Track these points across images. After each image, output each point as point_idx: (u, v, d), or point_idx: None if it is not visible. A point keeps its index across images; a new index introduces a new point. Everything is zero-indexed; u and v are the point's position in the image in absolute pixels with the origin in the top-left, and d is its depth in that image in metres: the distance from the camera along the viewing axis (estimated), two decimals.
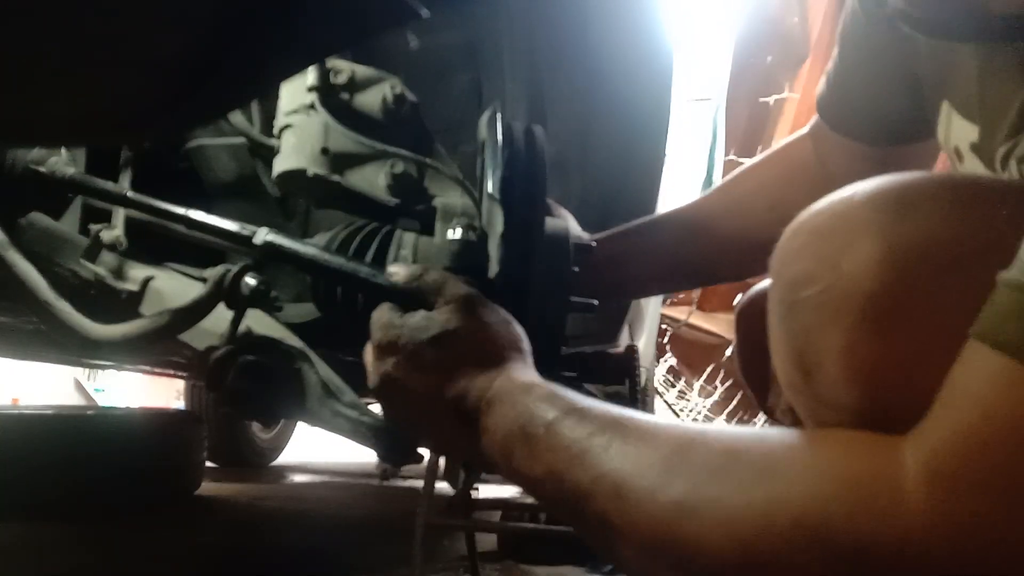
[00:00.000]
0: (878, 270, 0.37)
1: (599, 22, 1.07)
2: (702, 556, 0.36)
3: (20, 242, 0.88)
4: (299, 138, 0.86)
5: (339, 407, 0.83)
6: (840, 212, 0.40)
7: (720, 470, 0.38)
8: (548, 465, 0.47)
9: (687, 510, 0.38)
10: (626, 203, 1.17)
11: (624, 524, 0.41)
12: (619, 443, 0.43)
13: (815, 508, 0.34)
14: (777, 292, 0.43)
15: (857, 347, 0.37)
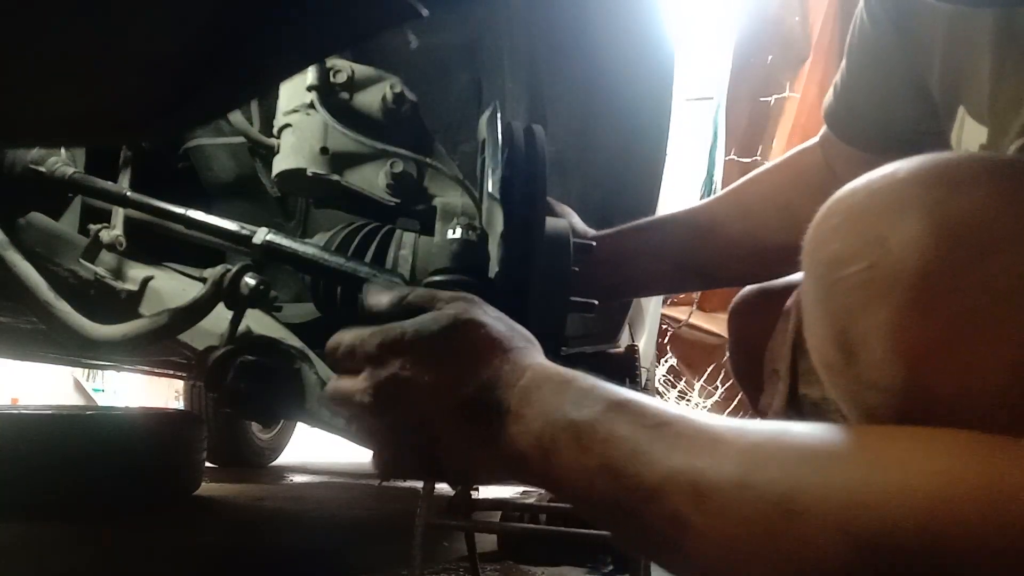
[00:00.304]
0: (927, 246, 0.36)
1: (599, 22, 1.07)
2: (812, 556, 0.33)
3: (20, 242, 0.88)
4: (298, 137, 0.86)
5: None
6: (882, 189, 0.38)
7: (821, 466, 0.35)
8: (602, 459, 0.42)
9: (790, 508, 0.34)
10: (626, 203, 1.17)
11: (706, 525, 0.37)
12: (689, 438, 0.40)
13: (945, 511, 0.31)
14: (813, 273, 0.41)
15: (906, 326, 0.36)
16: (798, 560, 0.34)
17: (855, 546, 0.32)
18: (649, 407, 0.43)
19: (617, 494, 0.41)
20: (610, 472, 0.41)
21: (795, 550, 0.34)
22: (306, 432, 3.96)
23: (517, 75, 1.01)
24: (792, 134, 3.29)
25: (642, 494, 0.40)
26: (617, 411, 0.43)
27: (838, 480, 0.34)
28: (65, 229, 0.96)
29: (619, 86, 1.13)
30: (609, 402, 0.44)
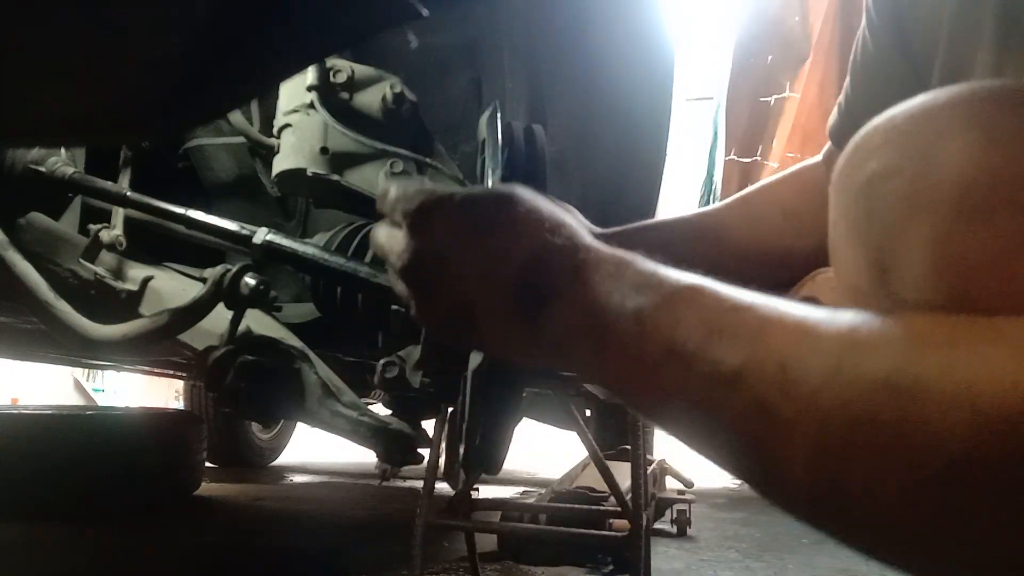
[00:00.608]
0: (977, 156, 0.34)
1: (599, 22, 1.07)
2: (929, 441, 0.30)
3: (20, 242, 0.88)
4: (298, 137, 0.86)
5: (338, 407, 0.83)
6: (926, 108, 0.37)
7: (935, 342, 0.31)
8: (669, 346, 0.37)
9: (900, 385, 0.30)
10: (626, 203, 1.17)
11: (796, 412, 0.33)
12: (774, 321, 0.36)
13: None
14: (847, 196, 0.39)
15: (953, 236, 0.33)
16: (911, 446, 0.30)
17: (985, 426, 0.29)
18: (724, 290, 0.39)
19: (687, 384, 0.37)
20: (679, 360, 0.37)
21: (907, 434, 0.30)
22: (306, 432, 3.96)
23: (517, 75, 1.01)
24: (792, 134, 3.29)
25: (717, 382, 0.35)
26: (686, 294, 0.39)
27: (962, 356, 0.30)
28: (65, 229, 0.96)
29: (619, 86, 1.13)
30: (676, 284, 0.40)
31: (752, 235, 0.87)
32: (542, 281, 0.44)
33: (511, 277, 0.44)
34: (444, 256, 0.46)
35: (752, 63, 3.37)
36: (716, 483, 3.71)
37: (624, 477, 1.35)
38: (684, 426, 0.39)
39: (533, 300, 0.44)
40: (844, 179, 0.40)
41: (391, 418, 0.82)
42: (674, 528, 2.15)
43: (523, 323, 0.44)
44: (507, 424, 0.59)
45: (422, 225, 0.47)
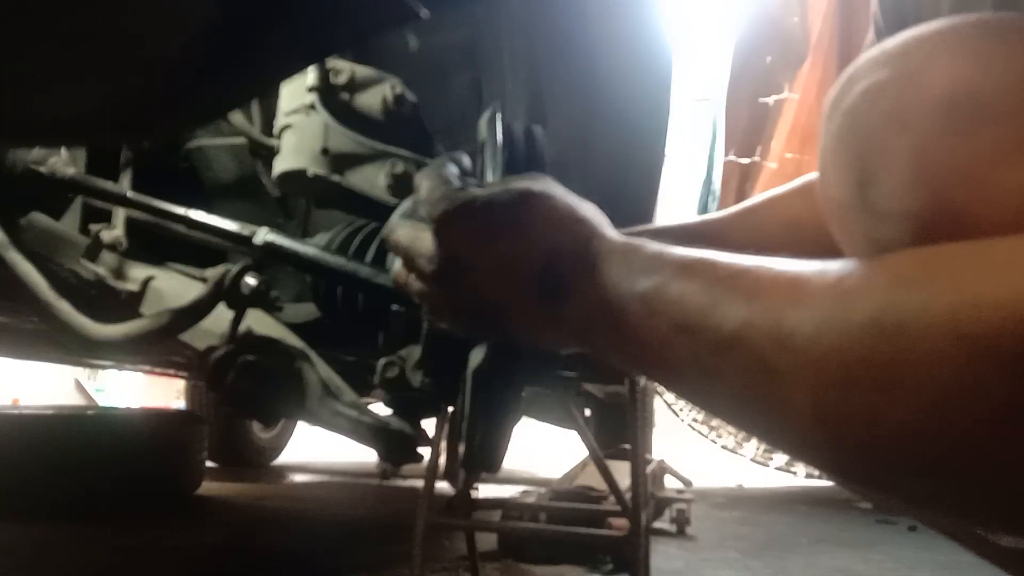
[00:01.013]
0: (960, 74, 0.35)
1: (599, 22, 1.07)
2: (921, 373, 0.30)
3: (21, 242, 0.89)
4: (299, 138, 0.86)
5: (339, 407, 0.83)
6: (916, 35, 0.38)
7: (919, 277, 0.32)
8: (675, 319, 0.39)
9: (887, 323, 0.31)
10: (626, 203, 1.17)
11: (792, 364, 0.34)
12: (767, 281, 0.37)
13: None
14: (836, 118, 0.40)
15: (932, 148, 0.35)
16: (905, 380, 0.31)
17: (972, 351, 0.30)
18: (721, 260, 0.41)
19: (694, 352, 0.39)
20: (684, 331, 0.39)
21: (899, 369, 0.31)
22: (306, 431, 3.97)
23: (517, 76, 1.01)
24: (791, 135, 3.29)
25: (720, 346, 0.37)
26: (687, 270, 0.41)
27: (942, 287, 0.31)
28: (66, 229, 0.96)
29: (619, 87, 1.13)
30: (678, 263, 0.42)
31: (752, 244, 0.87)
32: (561, 275, 0.46)
33: (533, 275, 0.47)
34: (470, 261, 0.49)
35: (751, 64, 3.37)
36: (715, 482, 3.71)
37: (624, 476, 1.35)
38: (700, 395, 0.41)
39: (554, 294, 0.46)
40: (835, 103, 0.41)
41: (391, 418, 0.82)
42: (673, 527, 2.15)
43: (548, 315, 0.47)
44: (507, 423, 0.59)
45: (447, 233, 0.49)
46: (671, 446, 3.71)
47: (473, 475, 1.31)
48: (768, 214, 0.89)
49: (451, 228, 0.49)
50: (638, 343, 0.42)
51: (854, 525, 2.42)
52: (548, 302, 0.47)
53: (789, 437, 0.37)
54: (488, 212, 0.49)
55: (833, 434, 0.34)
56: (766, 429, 0.38)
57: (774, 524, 2.41)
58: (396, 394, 0.80)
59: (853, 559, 1.86)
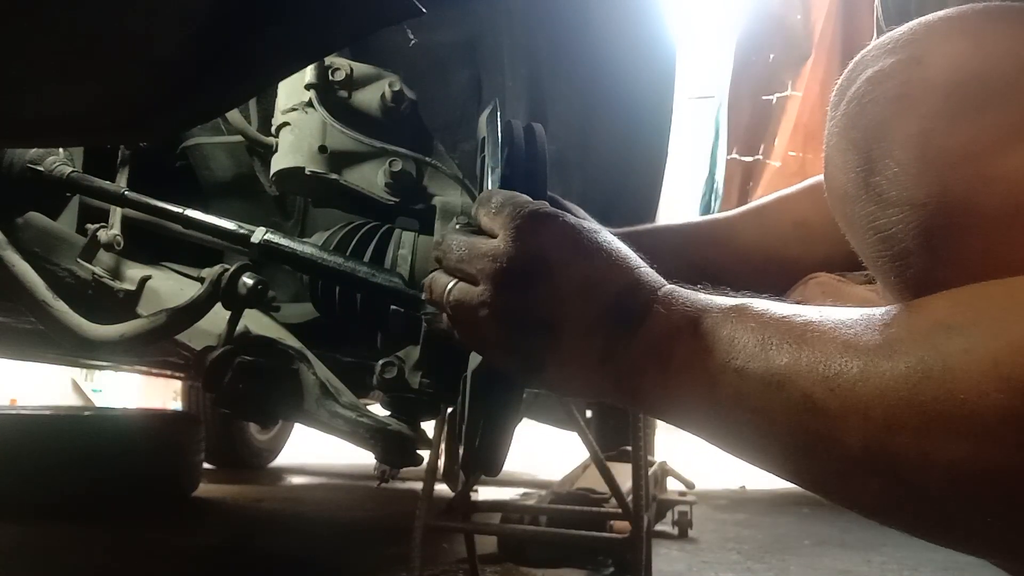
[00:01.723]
0: (965, 61, 0.35)
1: (600, 19, 1.06)
2: (963, 411, 0.31)
3: (18, 241, 0.88)
4: (297, 136, 0.86)
5: (337, 408, 0.82)
6: (923, 23, 0.38)
7: (958, 321, 0.33)
8: (726, 358, 0.40)
9: (931, 370, 0.32)
10: (628, 201, 1.16)
11: (841, 405, 0.35)
12: (815, 325, 0.38)
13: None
14: (844, 105, 0.40)
15: (936, 133, 0.35)
16: (952, 422, 0.32)
17: (1014, 392, 0.31)
18: (768, 304, 0.42)
19: (742, 391, 0.40)
20: (735, 371, 0.40)
21: (946, 413, 0.32)
22: (304, 433, 3.96)
23: (517, 73, 1.01)
24: (794, 133, 3.28)
25: (769, 386, 0.38)
26: (737, 313, 0.42)
27: (982, 332, 0.32)
28: (63, 228, 0.96)
29: (620, 84, 1.13)
30: (728, 306, 0.43)
31: (760, 243, 0.87)
32: (631, 308, 0.47)
33: (608, 299, 0.47)
34: (549, 267, 0.47)
35: (754, 61, 3.36)
36: (717, 484, 3.71)
37: (625, 478, 1.34)
38: (743, 438, 0.41)
39: (622, 323, 0.47)
40: (841, 90, 0.41)
41: (390, 419, 0.81)
42: (675, 530, 2.15)
43: (604, 343, 0.47)
44: (507, 425, 0.58)
45: (533, 234, 0.48)
46: (673, 448, 3.70)
47: (473, 477, 1.30)
48: (777, 213, 0.88)
49: (538, 232, 0.48)
50: (687, 382, 0.43)
51: (856, 527, 2.41)
52: (613, 330, 0.47)
53: (837, 479, 0.37)
54: (575, 230, 0.49)
55: (883, 475, 0.34)
56: (813, 472, 0.38)
57: (776, 526, 2.40)
58: (395, 395, 0.79)
59: (855, 561, 1.85)
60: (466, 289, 0.50)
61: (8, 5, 0.44)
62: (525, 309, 0.48)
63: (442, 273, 0.53)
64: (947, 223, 0.35)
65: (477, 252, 0.49)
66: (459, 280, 0.50)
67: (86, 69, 0.54)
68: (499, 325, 0.49)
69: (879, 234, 0.38)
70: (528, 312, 0.48)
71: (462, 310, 0.50)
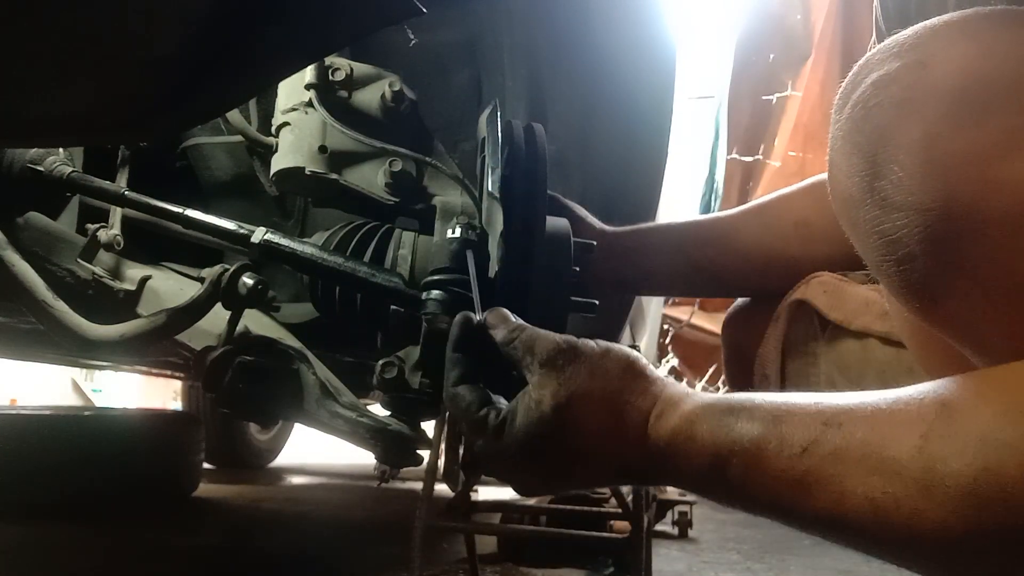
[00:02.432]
0: (970, 66, 0.36)
1: (600, 19, 1.06)
2: (932, 527, 0.34)
3: (18, 241, 0.88)
4: (297, 136, 0.86)
5: (337, 408, 0.82)
6: (928, 26, 0.38)
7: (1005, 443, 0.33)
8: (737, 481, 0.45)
9: (988, 470, 0.33)
10: (628, 201, 1.16)
11: (908, 512, 0.36)
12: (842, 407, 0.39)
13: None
14: (848, 109, 0.40)
15: (941, 138, 0.35)
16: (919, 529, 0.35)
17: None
18: (758, 400, 0.44)
19: (767, 504, 0.44)
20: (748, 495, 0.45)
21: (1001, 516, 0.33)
22: (304, 433, 3.96)
23: (517, 73, 1.01)
24: (794, 133, 3.29)
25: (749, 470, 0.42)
26: (728, 412, 0.44)
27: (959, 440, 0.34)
28: (63, 228, 0.96)
29: (620, 84, 1.13)
30: (725, 406, 0.45)
31: (761, 242, 0.87)
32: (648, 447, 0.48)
33: (636, 439, 0.48)
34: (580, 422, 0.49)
35: (754, 61, 3.36)
36: None
37: None
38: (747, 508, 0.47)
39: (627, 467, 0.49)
40: (846, 94, 0.41)
41: (390, 419, 0.81)
42: (675, 530, 2.15)
43: (617, 475, 0.52)
44: None
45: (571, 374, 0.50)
46: None
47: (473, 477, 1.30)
48: (778, 213, 0.88)
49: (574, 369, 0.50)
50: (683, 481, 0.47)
51: None
52: (628, 469, 0.50)
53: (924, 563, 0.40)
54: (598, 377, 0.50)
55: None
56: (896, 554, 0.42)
57: (776, 526, 2.40)
58: (395, 395, 0.79)
59: (855, 561, 1.85)
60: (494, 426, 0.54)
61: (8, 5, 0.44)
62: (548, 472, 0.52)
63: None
64: (952, 228, 0.34)
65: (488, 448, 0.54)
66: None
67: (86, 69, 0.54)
68: (521, 473, 0.55)
69: (884, 238, 0.38)
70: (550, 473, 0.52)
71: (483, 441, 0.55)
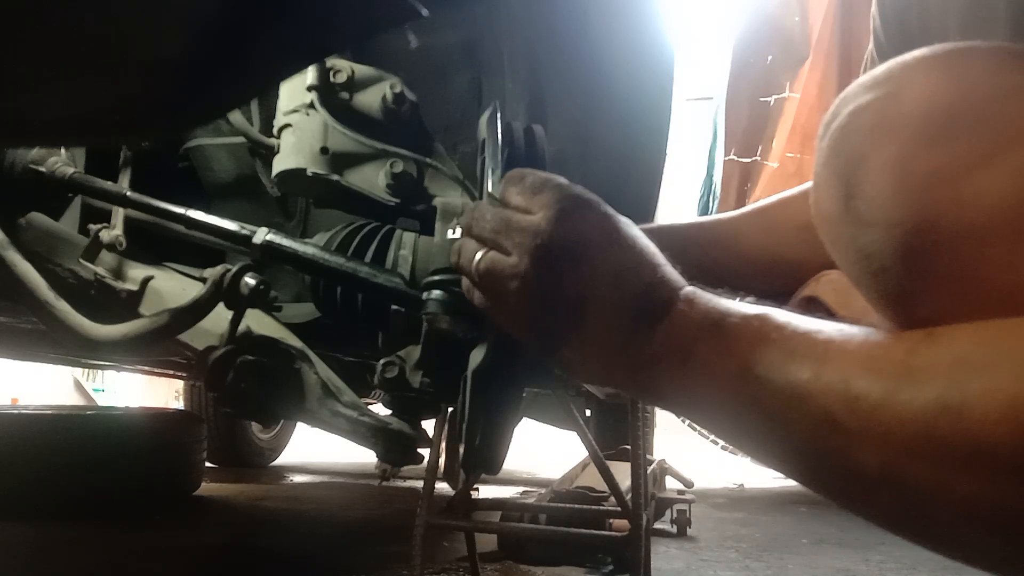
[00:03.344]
0: (935, 92, 0.38)
1: (599, 21, 1.07)
2: (977, 450, 0.33)
3: (20, 242, 0.88)
4: (298, 137, 0.86)
5: (338, 407, 0.83)
6: (902, 61, 0.41)
7: (981, 361, 0.34)
8: (747, 362, 0.42)
9: (950, 406, 0.34)
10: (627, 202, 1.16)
11: (860, 426, 0.37)
12: (841, 342, 0.40)
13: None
14: (828, 133, 0.43)
15: (911, 159, 0.38)
16: (966, 458, 0.34)
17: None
18: (793, 319, 0.43)
19: (759, 396, 0.41)
20: (754, 375, 0.42)
21: (962, 448, 0.34)
22: (306, 432, 3.96)
23: (517, 75, 1.01)
24: (792, 134, 3.29)
25: (789, 395, 0.40)
26: (761, 321, 0.44)
27: (1002, 374, 0.34)
28: (65, 229, 0.96)
29: (619, 86, 1.13)
30: (754, 315, 0.44)
31: (765, 246, 0.88)
32: (657, 300, 0.48)
33: (638, 288, 0.49)
34: (587, 249, 0.50)
35: (752, 63, 3.37)
36: (716, 483, 3.71)
37: (624, 477, 1.35)
38: (754, 439, 0.43)
39: (646, 313, 0.48)
40: (827, 123, 0.44)
41: (391, 418, 0.82)
42: (674, 528, 2.15)
43: (626, 330, 0.48)
44: (507, 424, 0.59)
45: (576, 215, 0.50)
46: (672, 446, 3.71)
47: (473, 476, 1.30)
48: (780, 217, 0.89)
49: (582, 216, 0.50)
50: (704, 382, 0.44)
51: (855, 526, 2.42)
52: (641, 316, 0.48)
53: (850, 490, 0.39)
54: (617, 220, 0.51)
55: (897, 494, 0.37)
56: (826, 480, 0.40)
57: (775, 525, 2.41)
58: (396, 394, 0.80)
59: (853, 559, 1.86)
60: (499, 259, 0.51)
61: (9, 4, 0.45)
62: (558, 286, 0.49)
63: (471, 240, 0.54)
64: (921, 241, 0.37)
65: (516, 226, 0.51)
66: (490, 249, 0.52)
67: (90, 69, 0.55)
68: (530, 299, 0.50)
69: (860, 253, 0.40)
70: (560, 289, 0.49)
71: (492, 279, 0.51)
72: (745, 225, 0.91)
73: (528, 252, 0.50)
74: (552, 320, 0.50)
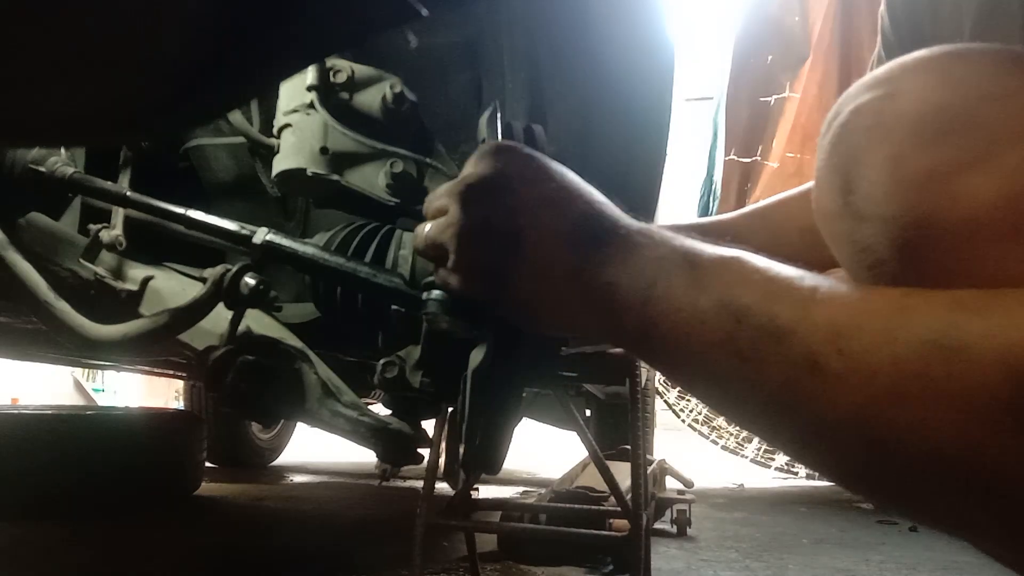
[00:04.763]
0: (930, 93, 0.39)
1: (600, 21, 1.07)
2: (970, 394, 0.32)
3: (20, 242, 0.88)
4: (298, 137, 0.86)
5: (338, 407, 0.83)
6: (900, 62, 0.42)
7: (978, 307, 0.34)
8: (724, 299, 0.40)
9: (946, 344, 0.33)
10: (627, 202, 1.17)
11: (845, 367, 0.35)
12: (826, 286, 0.39)
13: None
14: (829, 132, 0.44)
15: (907, 156, 0.38)
16: (954, 399, 0.33)
17: (1018, 383, 0.32)
18: (776, 264, 0.42)
19: (735, 335, 0.39)
20: (730, 312, 0.40)
21: (953, 388, 0.33)
22: (306, 432, 3.96)
23: (517, 74, 1.01)
24: (792, 134, 3.29)
25: (768, 334, 0.38)
26: (739, 259, 0.42)
27: (1000, 320, 0.33)
28: (65, 229, 0.96)
29: (619, 86, 1.13)
30: (732, 254, 0.43)
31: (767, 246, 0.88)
32: (600, 224, 0.48)
33: (574, 213, 0.49)
34: (510, 181, 0.51)
35: (752, 63, 3.37)
36: (716, 483, 3.71)
37: (624, 477, 1.35)
38: (721, 383, 0.41)
39: (590, 237, 0.48)
40: (828, 123, 0.45)
41: (391, 418, 0.82)
42: (674, 528, 2.15)
43: (571, 256, 0.48)
44: (507, 424, 0.59)
45: (496, 155, 0.53)
46: (672, 446, 3.71)
47: (473, 476, 1.30)
48: (782, 219, 0.89)
49: (502, 155, 0.53)
50: (670, 315, 0.42)
51: (855, 526, 2.42)
52: (582, 243, 0.48)
53: (816, 439, 0.38)
54: (542, 158, 0.53)
55: (869, 441, 0.35)
56: (792, 429, 0.39)
57: (775, 525, 2.41)
58: (395, 394, 0.80)
59: (854, 560, 1.86)
60: (438, 220, 0.53)
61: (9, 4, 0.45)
62: (488, 220, 0.50)
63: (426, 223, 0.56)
64: (915, 235, 0.38)
65: (447, 186, 0.54)
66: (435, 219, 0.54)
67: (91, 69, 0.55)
68: (465, 241, 0.51)
69: (857, 247, 0.41)
70: (490, 222, 0.50)
71: (437, 241, 0.53)
72: (746, 228, 0.91)
73: (456, 197, 0.52)
74: (490, 256, 0.50)
